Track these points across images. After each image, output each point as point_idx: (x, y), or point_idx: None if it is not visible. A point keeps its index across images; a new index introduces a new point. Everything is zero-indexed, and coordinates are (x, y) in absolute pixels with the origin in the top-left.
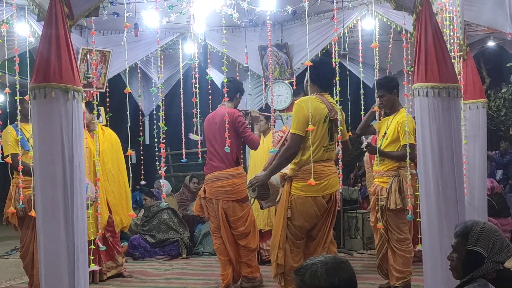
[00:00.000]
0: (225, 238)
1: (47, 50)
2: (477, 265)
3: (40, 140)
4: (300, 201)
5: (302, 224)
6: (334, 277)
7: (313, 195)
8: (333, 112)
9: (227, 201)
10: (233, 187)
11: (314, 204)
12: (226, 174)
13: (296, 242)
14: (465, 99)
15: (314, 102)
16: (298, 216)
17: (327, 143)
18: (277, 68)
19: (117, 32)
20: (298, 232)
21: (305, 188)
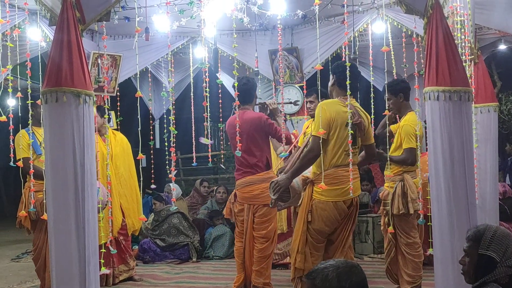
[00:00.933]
0: (247, 243)
1: (58, 55)
2: (489, 270)
3: (51, 144)
4: (321, 206)
5: (323, 228)
6: (345, 281)
7: (334, 200)
8: (357, 116)
9: (258, 206)
10: (263, 191)
11: (335, 208)
12: (257, 178)
13: (317, 245)
14: (476, 103)
15: (336, 106)
16: (318, 221)
17: (349, 147)
18: (287, 72)
19: (128, 37)
20: (319, 235)
21: (326, 193)
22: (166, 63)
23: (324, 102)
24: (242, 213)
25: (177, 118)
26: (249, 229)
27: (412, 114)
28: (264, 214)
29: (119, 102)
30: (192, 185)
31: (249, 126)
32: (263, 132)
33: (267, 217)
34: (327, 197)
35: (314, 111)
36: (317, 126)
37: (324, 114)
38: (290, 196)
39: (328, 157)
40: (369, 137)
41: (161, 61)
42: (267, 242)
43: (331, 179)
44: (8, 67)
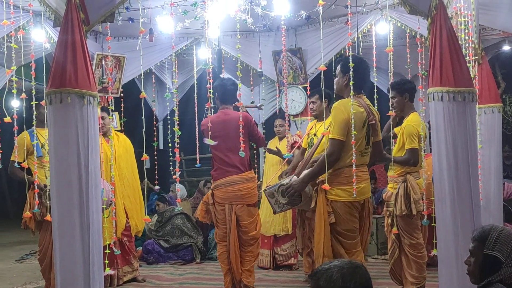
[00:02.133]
0: (232, 245)
1: (63, 56)
2: (494, 270)
3: (55, 145)
4: (340, 206)
5: (351, 226)
6: (349, 282)
7: (348, 200)
8: (371, 115)
9: (242, 206)
10: (248, 191)
11: (352, 207)
12: (241, 178)
13: (352, 243)
14: (480, 104)
15: (354, 107)
16: (345, 221)
17: (363, 147)
18: (291, 73)
19: (131, 38)
20: (350, 233)
21: (339, 194)
22: (170, 64)
23: (340, 103)
24: (223, 214)
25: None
26: (232, 230)
27: (415, 114)
28: (249, 215)
29: (123, 103)
30: (196, 186)
31: (236, 125)
32: (248, 132)
33: (253, 218)
34: (340, 197)
35: (317, 111)
36: (336, 129)
37: (342, 115)
38: (301, 199)
39: (344, 157)
40: (378, 134)
41: (164, 62)
42: (256, 242)
43: (345, 178)
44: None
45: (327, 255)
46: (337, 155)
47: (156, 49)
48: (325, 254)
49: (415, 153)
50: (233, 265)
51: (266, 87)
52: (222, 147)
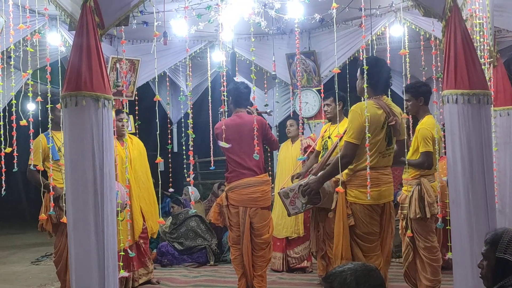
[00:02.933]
0: (245, 248)
1: (78, 59)
2: (507, 273)
3: (71, 148)
4: (359, 208)
5: (370, 230)
6: (363, 285)
7: (368, 203)
8: (391, 116)
9: (255, 209)
10: (262, 194)
11: (372, 211)
12: (255, 180)
13: (371, 246)
14: (495, 106)
15: (371, 109)
16: (364, 224)
17: (384, 149)
18: (305, 76)
19: (146, 41)
20: (370, 237)
21: (358, 196)
22: (184, 67)
23: (357, 106)
24: (237, 217)
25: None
26: (246, 232)
27: (429, 117)
28: (263, 218)
29: (137, 106)
30: (210, 189)
31: (251, 128)
32: (263, 135)
33: (266, 221)
34: (359, 200)
35: (331, 114)
36: (351, 132)
37: (359, 119)
38: (320, 198)
39: (363, 159)
40: (402, 133)
41: (179, 65)
42: (267, 246)
43: (364, 180)
44: (29, 72)
45: (346, 257)
46: (350, 158)
47: (170, 52)
48: (343, 257)
49: (429, 156)
50: (246, 269)
51: (280, 90)
52: (237, 150)
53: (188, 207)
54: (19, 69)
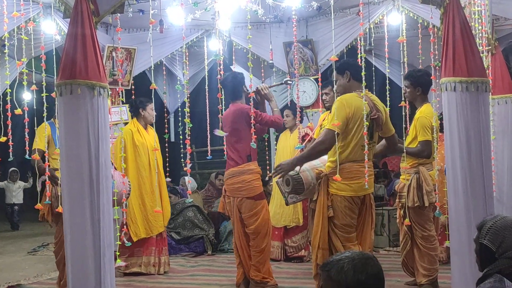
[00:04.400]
0: (237, 237)
1: (73, 47)
2: (490, 260)
3: (66, 136)
4: (339, 200)
5: (349, 221)
6: (361, 273)
7: (350, 195)
8: (375, 110)
9: (241, 198)
10: (243, 183)
11: (352, 202)
12: (237, 170)
13: (349, 236)
14: (493, 94)
15: (356, 100)
16: (343, 215)
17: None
18: (302, 65)
19: (142, 30)
20: (348, 228)
21: (340, 188)
22: (180, 56)
23: (343, 97)
24: (229, 206)
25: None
26: (235, 222)
27: (428, 106)
28: (249, 208)
29: (134, 96)
30: (207, 179)
31: (232, 119)
32: (245, 123)
33: (253, 211)
34: (341, 191)
35: (329, 103)
36: (334, 121)
37: (343, 109)
38: (304, 188)
39: (345, 151)
40: (389, 130)
41: (175, 54)
42: (258, 236)
43: (347, 173)
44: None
45: (322, 248)
46: (328, 145)
47: (166, 41)
48: (320, 247)
49: (428, 145)
50: (241, 258)
51: (277, 78)
52: (226, 140)
53: (185, 197)
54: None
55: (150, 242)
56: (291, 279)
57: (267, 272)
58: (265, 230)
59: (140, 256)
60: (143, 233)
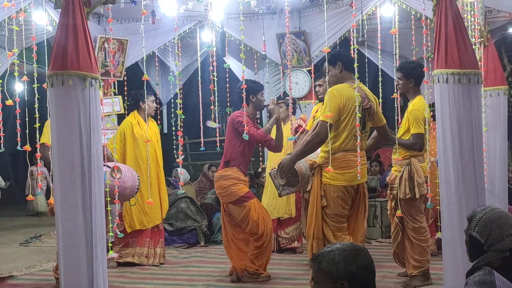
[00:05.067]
0: (224, 238)
1: (64, 38)
2: (479, 251)
3: (57, 128)
4: (332, 189)
5: (340, 211)
6: (351, 264)
7: (343, 184)
8: (366, 100)
9: (225, 203)
10: (220, 189)
11: (346, 192)
12: (217, 175)
13: (340, 226)
14: (485, 86)
15: (347, 91)
16: (335, 205)
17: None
18: (295, 56)
19: (134, 21)
20: (339, 218)
21: (335, 177)
22: (173, 47)
23: (334, 88)
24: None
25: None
26: (223, 224)
27: (420, 98)
28: (235, 213)
29: (126, 87)
30: (200, 170)
31: (227, 124)
32: (233, 129)
33: (240, 216)
34: (335, 181)
35: (323, 94)
36: (327, 112)
37: (335, 100)
38: (298, 180)
39: (338, 141)
40: (380, 119)
41: (168, 45)
42: (256, 236)
43: (340, 163)
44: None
45: (317, 237)
46: (323, 137)
47: (159, 32)
48: (314, 236)
49: (421, 138)
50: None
51: (270, 70)
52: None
53: (178, 188)
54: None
55: (145, 233)
56: (284, 270)
57: (262, 266)
58: (262, 230)
59: (134, 247)
60: (137, 224)
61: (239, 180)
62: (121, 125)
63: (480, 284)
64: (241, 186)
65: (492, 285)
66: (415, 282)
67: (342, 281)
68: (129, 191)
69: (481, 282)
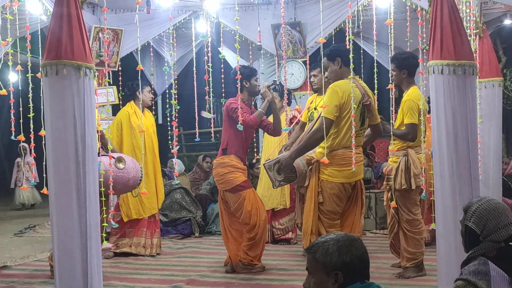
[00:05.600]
0: (221, 226)
1: (58, 27)
2: (475, 242)
3: (51, 117)
4: (329, 186)
5: (334, 208)
6: (346, 255)
7: (340, 181)
8: (366, 96)
9: (221, 190)
10: (217, 176)
11: (342, 189)
12: (215, 163)
13: (332, 223)
14: (480, 78)
15: (349, 87)
16: (329, 201)
17: (358, 128)
18: (290, 47)
19: (129, 10)
20: (332, 215)
21: (332, 174)
22: (168, 38)
23: (336, 84)
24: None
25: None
26: (220, 212)
27: (415, 88)
28: (232, 201)
29: (121, 77)
30: (195, 161)
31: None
32: (228, 117)
33: (236, 205)
34: (333, 178)
35: (318, 85)
36: (329, 108)
37: (336, 96)
38: (296, 176)
39: (338, 138)
40: (376, 117)
41: (163, 35)
42: (248, 227)
43: (339, 160)
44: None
45: (315, 233)
46: (324, 133)
47: (154, 22)
48: (313, 232)
49: (413, 128)
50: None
51: (265, 61)
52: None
53: (172, 179)
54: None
55: (141, 223)
56: (278, 261)
57: (256, 257)
58: (254, 220)
59: (131, 237)
60: (134, 214)
61: (236, 168)
62: (118, 115)
63: (475, 274)
64: (238, 174)
65: (487, 275)
66: (409, 273)
67: (336, 271)
68: (132, 182)
69: (476, 272)
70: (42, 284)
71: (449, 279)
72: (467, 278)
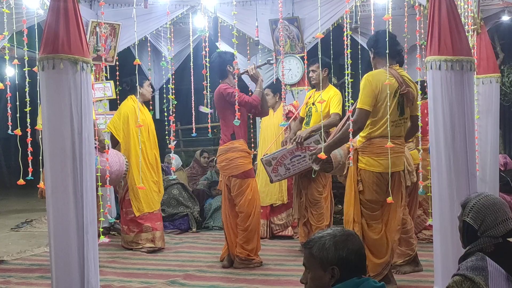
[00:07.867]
0: (223, 214)
1: (55, 21)
2: (473, 238)
3: (48, 112)
4: (368, 175)
5: (375, 197)
6: (342, 250)
7: (378, 171)
8: (404, 85)
9: (228, 176)
10: (227, 162)
11: (381, 178)
12: (223, 148)
13: (373, 214)
14: (478, 74)
15: (382, 76)
16: (369, 191)
17: (396, 118)
18: (288, 42)
19: (126, 5)
20: (373, 205)
21: (369, 163)
22: (166, 32)
23: (370, 74)
24: (221, 184)
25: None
26: (223, 200)
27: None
28: (236, 187)
29: (119, 72)
30: (192, 156)
31: (215, 99)
32: (225, 103)
33: (239, 190)
34: (369, 167)
35: (316, 80)
36: (363, 99)
37: (370, 86)
38: (332, 166)
39: (375, 127)
40: (416, 108)
41: (160, 30)
42: (242, 215)
43: (377, 148)
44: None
45: (357, 221)
46: (361, 124)
47: (151, 17)
48: (355, 220)
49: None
50: (226, 235)
51: (263, 56)
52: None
53: (170, 175)
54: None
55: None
56: (276, 256)
57: (253, 251)
58: (250, 210)
59: (149, 232)
60: (146, 207)
61: (247, 152)
62: (123, 109)
63: (473, 269)
64: (247, 160)
65: (484, 270)
66: (405, 268)
67: (332, 266)
68: (114, 176)
69: (474, 268)
70: (39, 279)
71: (446, 274)
72: (465, 274)
